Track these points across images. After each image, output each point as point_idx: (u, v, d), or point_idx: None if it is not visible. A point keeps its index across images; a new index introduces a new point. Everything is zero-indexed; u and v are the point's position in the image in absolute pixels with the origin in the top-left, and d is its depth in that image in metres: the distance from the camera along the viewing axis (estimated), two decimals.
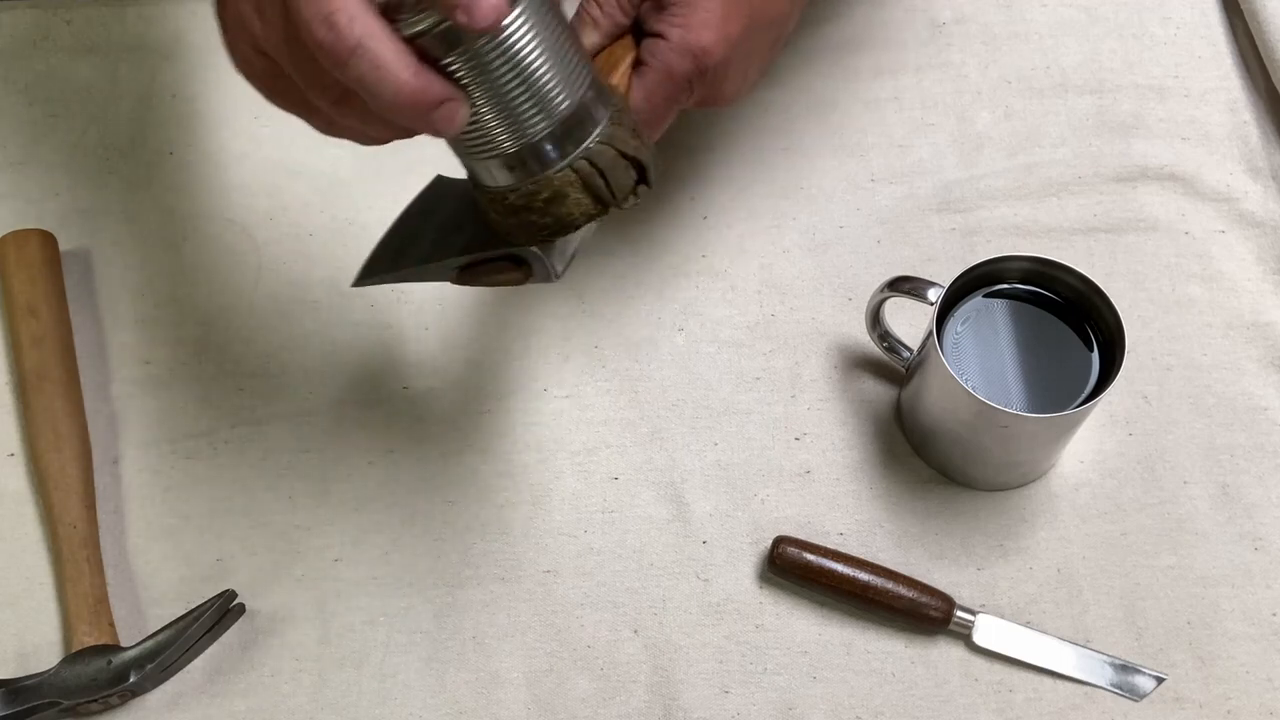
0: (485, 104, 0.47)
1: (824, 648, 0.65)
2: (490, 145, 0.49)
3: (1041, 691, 0.63)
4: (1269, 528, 0.67)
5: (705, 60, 0.57)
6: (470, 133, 0.48)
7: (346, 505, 0.69)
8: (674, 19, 0.57)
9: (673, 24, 0.57)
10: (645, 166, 0.52)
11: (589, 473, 0.69)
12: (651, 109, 0.57)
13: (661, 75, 0.57)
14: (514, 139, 0.49)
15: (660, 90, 0.57)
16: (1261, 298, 0.72)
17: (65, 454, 0.67)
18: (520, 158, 0.49)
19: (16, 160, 0.78)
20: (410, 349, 0.73)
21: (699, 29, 0.57)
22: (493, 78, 0.46)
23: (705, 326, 0.73)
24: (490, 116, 0.48)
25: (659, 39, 0.57)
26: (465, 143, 0.49)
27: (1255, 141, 0.77)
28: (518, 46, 0.46)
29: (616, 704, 0.64)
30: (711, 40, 0.57)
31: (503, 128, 0.48)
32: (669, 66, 0.57)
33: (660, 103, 0.58)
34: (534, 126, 0.48)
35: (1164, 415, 0.70)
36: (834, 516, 0.68)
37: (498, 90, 0.47)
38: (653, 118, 0.58)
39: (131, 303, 0.74)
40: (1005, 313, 0.65)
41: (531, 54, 0.46)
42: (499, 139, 0.49)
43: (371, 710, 0.64)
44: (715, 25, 0.57)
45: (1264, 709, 0.63)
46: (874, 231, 0.75)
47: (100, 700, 0.62)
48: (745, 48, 0.59)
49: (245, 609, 0.65)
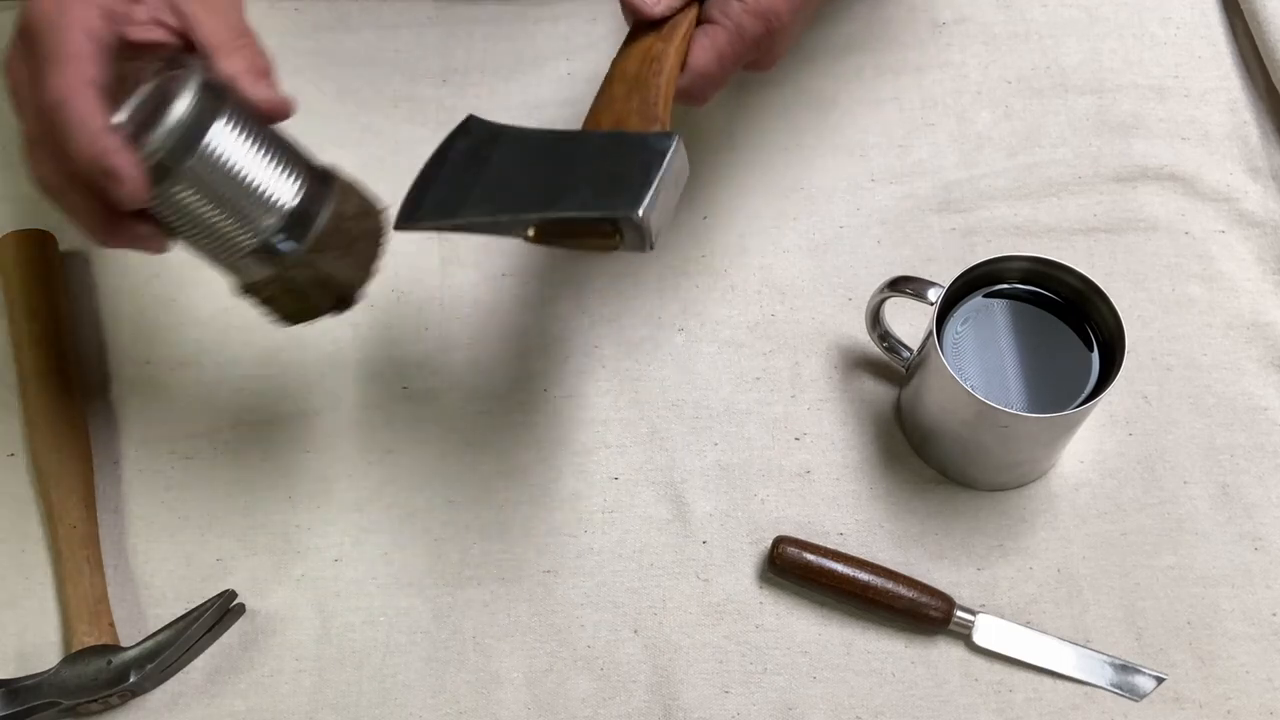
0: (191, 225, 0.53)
1: (824, 648, 0.65)
2: (219, 249, 0.54)
3: (1041, 691, 0.63)
4: (1269, 528, 0.67)
5: (775, 23, 0.59)
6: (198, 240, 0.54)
7: (346, 505, 0.69)
8: None
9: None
10: (347, 290, 0.56)
11: (589, 473, 0.69)
12: (720, 69, 0.59)
13: (734, 35, 0.58)
14: (231, 247, 0.53)
15: (730, 50, 0.59)
16: (1261, 298, 0.72)
17: (65, 454, 0.67)
18: (251, 259, 0.54)
19: (17, 160, 0.78)
20: (410, 349, 0.73)
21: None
22: (180, 213, 0.52)
23: (705, 326, 0.73)
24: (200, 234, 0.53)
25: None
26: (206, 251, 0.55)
27: (1255, 141, 0.77)
28: (197, 187, 0.52)
29: (616, 704, 0.64)
30: (783, 4, 0.58)
31: (218, 238, 0.53)
32: (741, 27, 0.58)
33: (729, 63, 0.59)
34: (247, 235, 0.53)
35: (1164, 415, 0.70)
36: (834, 516, 0.68)
37: (191, 219, 0.53)
38: (719, 78, 0.59)
39: (131, 303, 0.74)
40: (1005, 313, 0.65)
41: (217, 188, 0.52)
42: (222, 243, 0.53)
43: (371, 710, 0.64)
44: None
45: (1264, 709, 0.63)
46: (874, 231, 0.75)
47: (100, 700, 0.62)
48: (804, 13, 0.61)
49: (245, 609, 0.65)
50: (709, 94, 0.60)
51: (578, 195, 0.52)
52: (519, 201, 0.54)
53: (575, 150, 0.55)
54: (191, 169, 0.51)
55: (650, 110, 0.55)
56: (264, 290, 0.55)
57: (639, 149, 0.52)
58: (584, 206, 0.52)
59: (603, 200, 0.51)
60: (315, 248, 0.54)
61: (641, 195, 0.50)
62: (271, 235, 0.53)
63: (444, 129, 0.59)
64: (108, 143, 0.49)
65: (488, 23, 0.82)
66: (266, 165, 0.52)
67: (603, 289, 0.74)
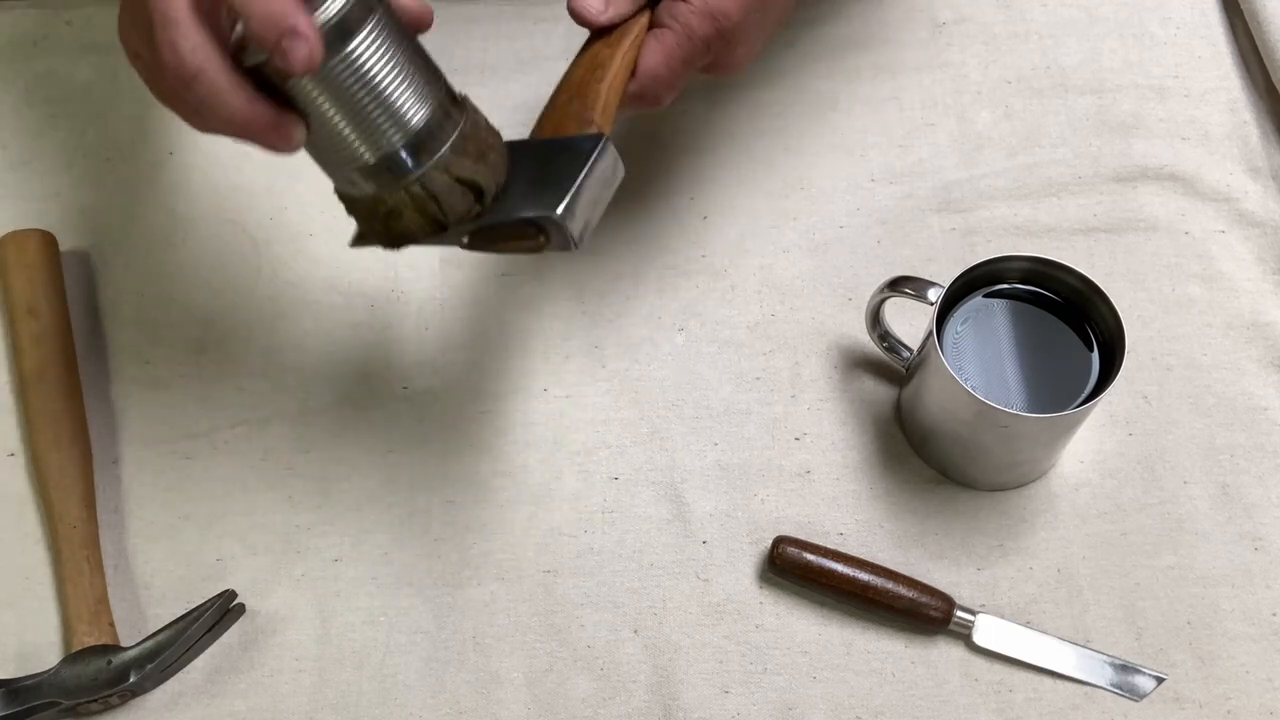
0: (327, 122, 0.51)
1: (824, 648, 0.65)
2: (339, 158, 0.52)
3: (1041, 691, 0.63)
4: (1269, 528, 0.67)
5: (725, 23, 0.59)
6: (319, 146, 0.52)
7: (346, 505, 0.69)
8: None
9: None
10: (483, 190, 0.54)
11: (589, 473, 0.69)
12: (670, 71, 0.59)
13: (682, 38, 0.59)
14: (354, 158, 0.52)
15: (679, 52, 0.59)
16: (1261, 298, 0.72)
17: (65, 454, 0.67)
18: (368, 172, 0.52)
19: (17, 160, 0.78)
20: (410, 349, 0.73)
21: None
22: (327, 102, 0.50)
23: (705, 326, 0.73)
24: (333, 132, 0.51)
25: (679, 1, 0.59)
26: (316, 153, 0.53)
27: (1255, 141, 0.77)
28: (348, 78, 0.50)
29: (616, 704, 0.64)
30: (732, 4, 0.59)
31: (345, 145, 0.51)
32: (690, 28, 0.59)
33: (678, 65, 0.59)
34: (364, 151, 0.51)
35: (1164, 415, 0.70)
36: (834, 516, 0.68)
37: (332, 114, 0.51)
38: (670, 80, 0.59)
39: (131, 303, 0.74)
40: (1005, 313, 0.65)
41: (363, 85, 0.50)
42: (345, 152, 0.52)
43: (371, 710, 0.64)
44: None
45: (1264, 709, 0.63)
46: (874, 231, 0.75)
47: (100, 700, 0.62)
48: (760, 13, 0.61)
49: (245, 609, 0.65)
50: (663, 96, 0.60)
51: (504, 201, 0.54)
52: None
53: (514, 158, 0.56)
54: (355, 49, 0.50)
55: (586, 114, 0.56)
56: (388, 201, 0.53)
57: (567, 151, 0.54)
58: (509, 211, 0.53)
59: (526, 203, 0.53)
60: (457, 148, 0.53)
61: (561, 196, 0.52)
62: (410, 138, 0.52)
63: None
64: (288, 1, 0.47)
65: (488, 23, 0.82)
66: (411, 70, 0.52)
67: (603, 289, 0.74)
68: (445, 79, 0.54)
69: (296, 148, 0.52)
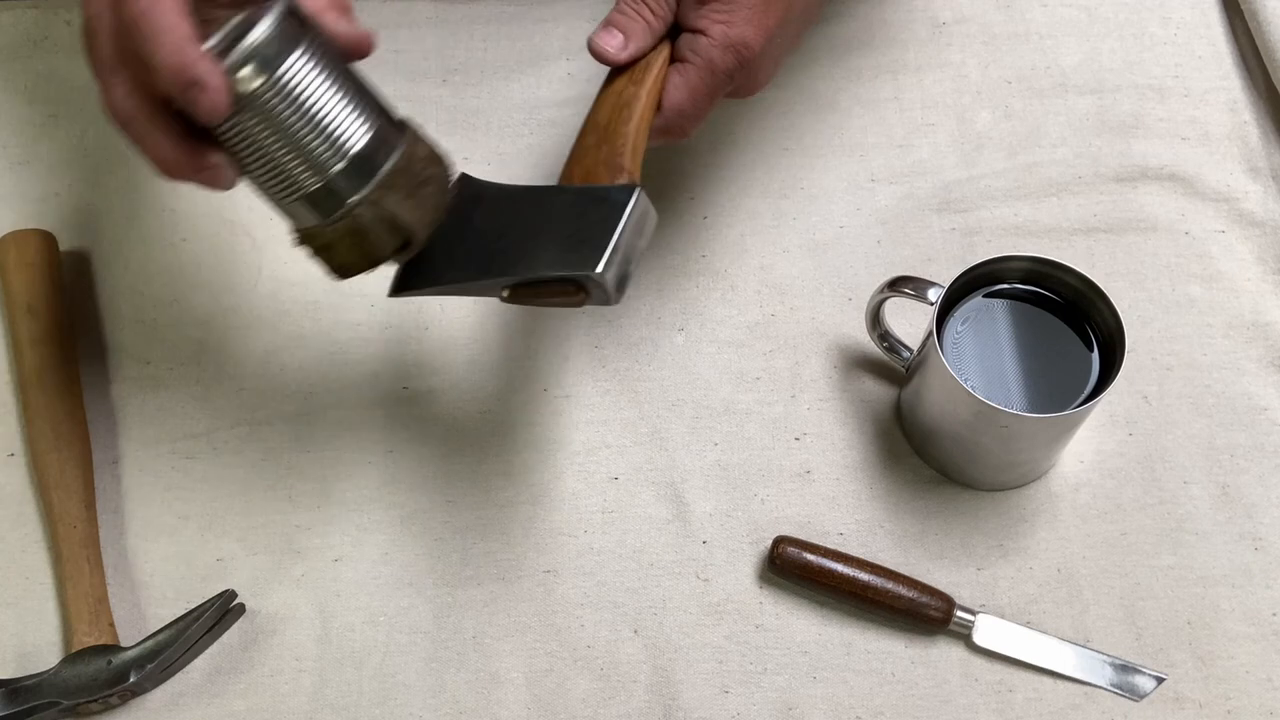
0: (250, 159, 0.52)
1: (824, 648, 0.65)
2: (270, 192, 0.53)
3: (1041, 691, 0.63)
4: (1269, 528, 0.67)
5: (746, 54, 0.59)
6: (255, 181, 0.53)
7: (346, 505, 0.69)
8: (715, 15, 0.58)
9: (714, 20, 0.58)
10: (410, 230, 0.54)
11: (589, 473, 0.69)
12: (695, 106, 0.59)
13: (704, 70, 0.59)
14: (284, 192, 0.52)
15: (703, 86, 0.59)
16: (1261, 298, 0.72)
17: (65, 454, 0.67)
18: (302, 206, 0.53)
19: (17, 160, 0.78)
20: (410, 349, 0.73)
21: (741, 24, 0.58)
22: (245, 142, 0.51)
23: (705, 326, 0.73)
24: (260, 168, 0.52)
25: (700, 35, 0.59)
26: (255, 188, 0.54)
27: (1255, 141, 0.77)
28: (264, 119, 0.50)
29: (616, 704, 0.64)
30: (753, 35, 0.58)
31: (273, 180, 0.52)
32: (711, 62, 0.59)
33: (703, 99, 0.59)
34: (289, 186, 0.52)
35: (1164, 415, 0.70)
36: (834, 516, 0.68)
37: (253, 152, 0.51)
38: (695, 114, 0.60)
39: (131, 303, 0.74)
40: (1005, 313, 0.65)
41: (277, 127, 0.51)
42: (274, 187, 0.52)
43: (371, 710, 0.64)
44: (756, 20, 0.58)
45: (1264, 709, 0.63)
46: (874, 231, 0.75)
47: (100, 700, 0.62)
48: (780, 38, 0.60)
49: (245, 609, 0.65)
50: (688, 130, 0.60)
51: (544, 256, 0.54)
52: (493, 265, 0.55)
53: (546, 208, 0.56)
54: (273, 84, 0.50)
55: (617, 161, 0.56)
56: (323, 235, 0.54)
57: (602, 203, 0.54)
58: (548, 267, 0.53)
59: (565, 260, 0.53)
60: (385, 184, 0.53)
61: (600, 253, 0.52)
62: (340, 172, 0.52)
63: (444, 129, 0.60)
64: (193, 51, 0.48)
65: (488, 23, 0.82)
66: (342, 102, 0.52)
67: None
68: (385, 108, 0.54)
69: (228, 187, 0.53)
